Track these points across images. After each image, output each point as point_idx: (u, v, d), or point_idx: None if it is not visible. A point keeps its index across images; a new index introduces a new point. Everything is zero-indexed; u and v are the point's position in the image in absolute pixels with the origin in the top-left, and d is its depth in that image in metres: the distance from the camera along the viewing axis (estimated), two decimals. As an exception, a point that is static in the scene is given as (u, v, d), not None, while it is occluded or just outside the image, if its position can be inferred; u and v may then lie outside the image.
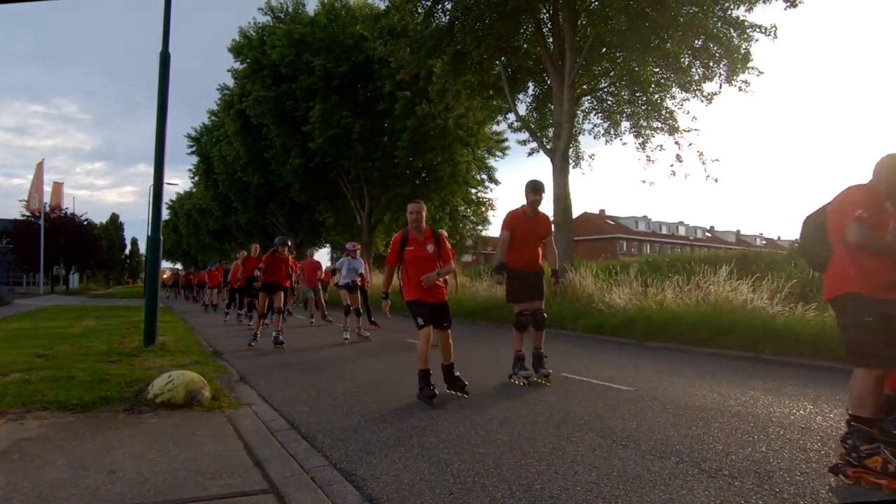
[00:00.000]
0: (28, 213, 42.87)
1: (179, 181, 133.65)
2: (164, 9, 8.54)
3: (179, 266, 68.46)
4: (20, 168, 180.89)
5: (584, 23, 15.33)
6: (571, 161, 17.07)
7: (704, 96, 15.56)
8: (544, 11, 15.93)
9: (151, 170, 9.33)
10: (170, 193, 55.65)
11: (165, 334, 9.74)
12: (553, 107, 16.19)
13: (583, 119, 17.92)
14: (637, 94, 16.59)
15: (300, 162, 26.21)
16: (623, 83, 16.62)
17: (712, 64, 14.50)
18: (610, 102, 17.61)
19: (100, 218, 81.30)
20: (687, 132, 16.20)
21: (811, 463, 3.35)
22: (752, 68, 14.28)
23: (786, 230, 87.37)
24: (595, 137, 18.99)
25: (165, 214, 57.91)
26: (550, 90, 16.24)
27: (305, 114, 24.70)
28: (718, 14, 13.62)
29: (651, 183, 48.99)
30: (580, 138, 18.08)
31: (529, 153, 18.30)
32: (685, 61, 14.83)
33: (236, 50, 27.15)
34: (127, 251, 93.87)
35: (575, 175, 24.60)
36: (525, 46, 16.93)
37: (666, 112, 16.26)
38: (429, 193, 26.41)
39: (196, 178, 44.30)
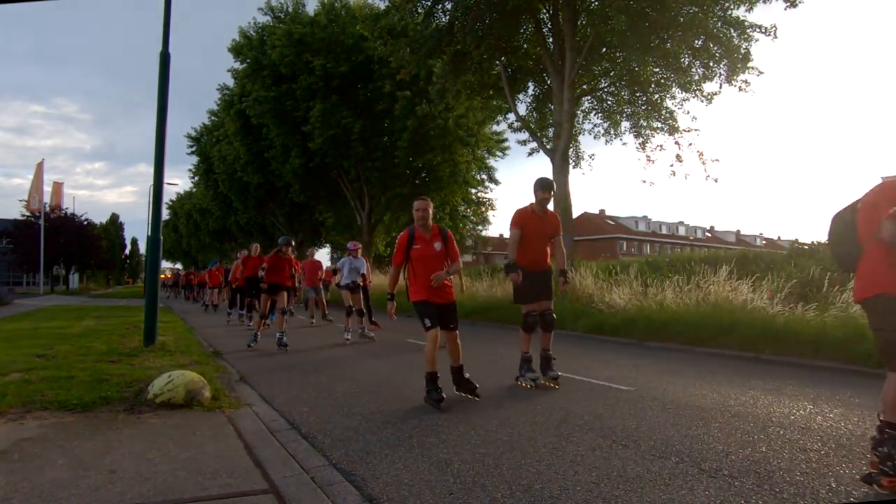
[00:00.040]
0: (28, 213, 42.82)
1: (179, 181, 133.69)
2: (164, 9, 8.55)
3: (179, 266, 68.55)
4: (20, 168, 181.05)
5: (584, 23, 15.35)
6: (571, 161, 17.11)
7: (704, 96, 15.61)
8: (544, 11, 15.95)
9: (151, 170, 9.37)
10: (170, 193, 55.86)
11: (165, 334, 9.73)
12: (553, 107, 16.22)
13: (583, 119, 17.98)
14: (637, 94, 16.62)
15: (300, 162, 26.23)
16: (623, 83, 16.65)
17: (712, 64, 14.53)
18: (610, 102, 17.64)
19: (100, 218, 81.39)
20: (687, 132, 16.26)
21: (811, 463, 3.35)
22: (752, 68, 14.33)
23: (786, 230, 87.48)
24: (595, 137, 19.06)
25: (165, 214, 58.08)
26: (550, 90, 16.25)
27: (305, 114, 24.73)
28: (718, 14, 13.64)
29: (651, 183, 49.26)
30: (580, 138, 18.16)
31: (529, 153, 18.37)
32: (685, 61, 14.85)
33: (236, 50, 27.19)
34: (127, 251, 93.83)
35: (575, 175, 24.69)
36: (525, 46, 16.94)
37: (666, 112, 16.30)
38: (429, 193, 26.35)
39: (196, 178, 44.46)
